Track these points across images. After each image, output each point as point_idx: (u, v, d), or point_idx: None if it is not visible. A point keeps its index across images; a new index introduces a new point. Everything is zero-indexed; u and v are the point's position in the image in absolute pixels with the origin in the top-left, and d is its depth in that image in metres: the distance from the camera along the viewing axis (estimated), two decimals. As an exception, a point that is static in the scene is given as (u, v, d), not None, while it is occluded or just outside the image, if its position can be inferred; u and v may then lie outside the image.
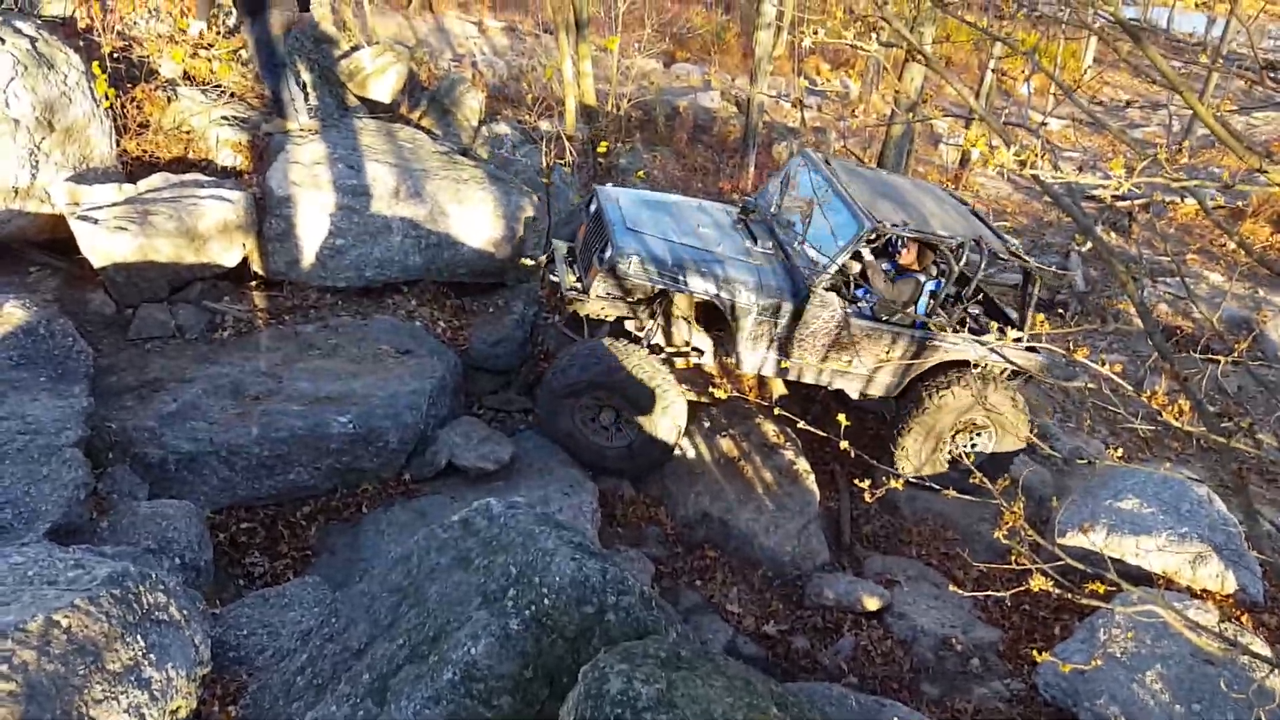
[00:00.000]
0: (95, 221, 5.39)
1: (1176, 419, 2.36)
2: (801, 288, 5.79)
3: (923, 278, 6.14)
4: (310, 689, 3.12)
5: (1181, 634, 4.06)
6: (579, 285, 5.95)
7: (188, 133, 6.83)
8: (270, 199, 6.23)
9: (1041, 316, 2.93)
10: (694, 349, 6.25)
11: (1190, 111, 2.53)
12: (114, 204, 5.63)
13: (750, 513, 5.97)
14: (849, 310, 5.88)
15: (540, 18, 18.34)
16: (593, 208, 6.26)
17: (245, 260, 6.21)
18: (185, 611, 3.25)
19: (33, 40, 5.88)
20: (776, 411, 3.89)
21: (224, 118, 6.94)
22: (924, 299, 6.08)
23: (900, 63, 11.46)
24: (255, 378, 5.46)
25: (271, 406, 5.23)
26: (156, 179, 5.96)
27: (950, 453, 6.38)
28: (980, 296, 6.72)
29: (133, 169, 6.37)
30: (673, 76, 18.52)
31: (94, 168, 6.03)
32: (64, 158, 5.85)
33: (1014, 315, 6.75)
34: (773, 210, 6.59)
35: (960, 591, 4.35)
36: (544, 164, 8.92)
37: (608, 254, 5.66)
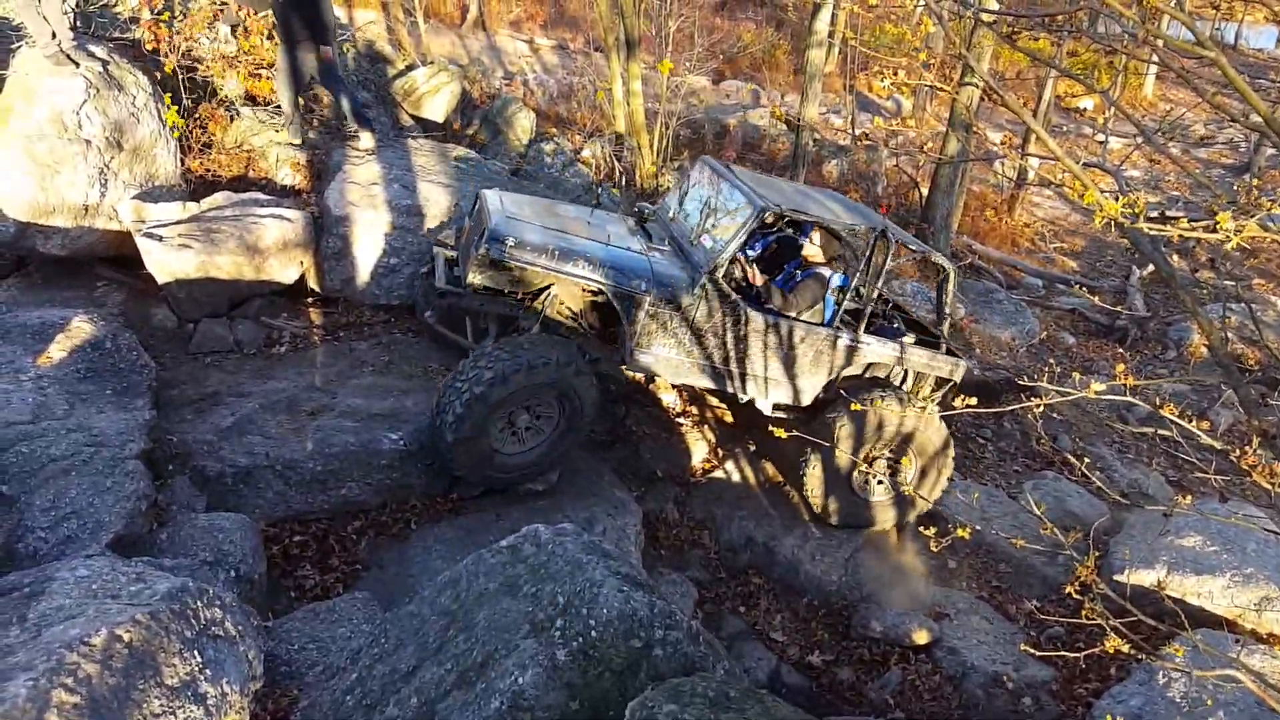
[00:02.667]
0: (160, 238, 5.56)
1: (1248, 460, 2.28)
2: (697, 275, 5.29)
3: (827, 272, 5.70)
4: (359, 709, 3.16)
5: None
6: (454, 283, 5.47)
7: (248, 151, 7.02)
8: (327, 218, 6.36)
9: (1122, 367, 2.75)
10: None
11: (1256, 131, 2.45)
12: (178, 221, 5.81)
13: (796, 539, 5.91)
14: (744, 303, 5.39)
15: (591, 36, 18.51)
16: (476, 206, 5.73)
17: (302, 277, 6.35)
18: (240, 627, 3.31)
19: (104, 63, 6.10)
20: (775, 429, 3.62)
21: (276, 141, 7.12)
22: (831, 296, 5.68)
23: (956, 81, 11.34)
24: (310, 393, 5.57)
25: (325, 422, 5.33)
26: (218, 197, 6.13)
27: (867, 485, 5.93)
28: (889, 304, 6.45)
29: (195, 187, 6.57)
30: (721, 94, 18.55)
31: (159, 186, 6.23)
32: (131, 176, 6.06)
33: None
34: (670, 214, 6.10)
35: (1018, 626, 4.22)
36: (592, 183, 9.00)
37: (484, 241, 5.11)
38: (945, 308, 5.91)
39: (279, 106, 7.36)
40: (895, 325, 6.30)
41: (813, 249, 5.81)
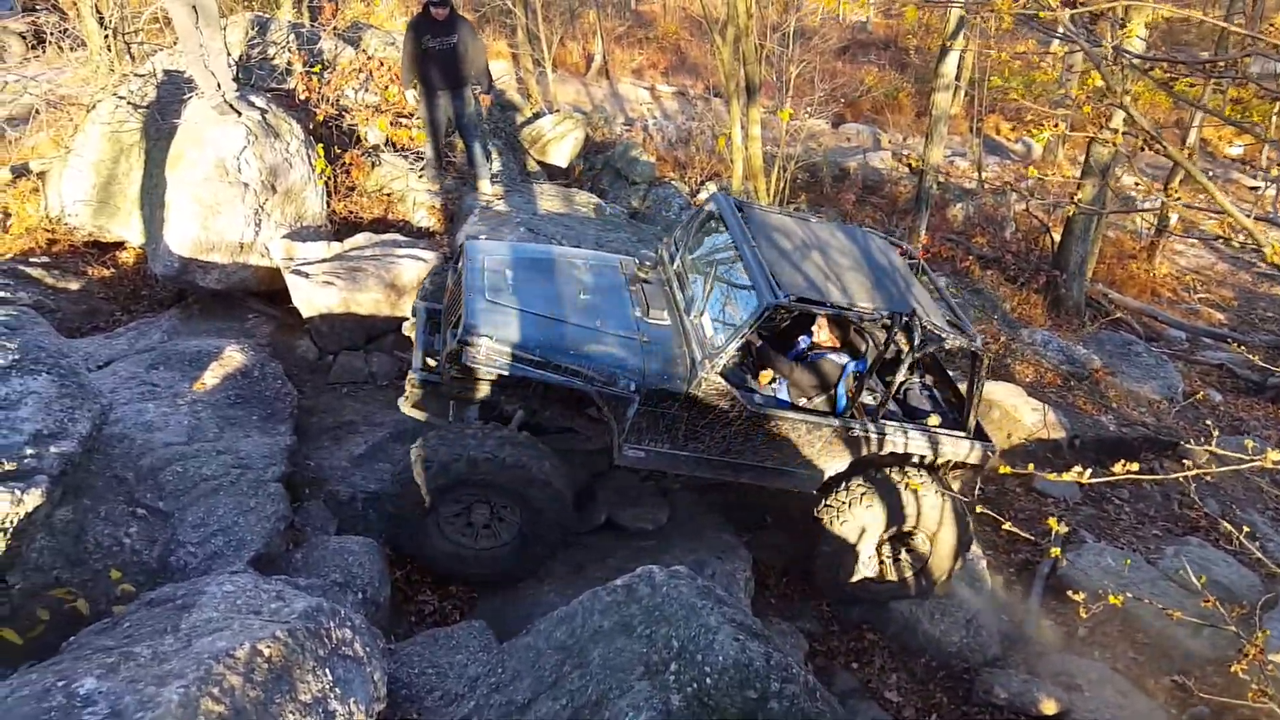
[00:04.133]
0: (306, 275, 5.94)
1: None
2: (694, 370, 4.77)
3: (842, 358, 5.17)
4: (475, 738, 3.23)
5: None
6: (429, 366, 5.08)
7: (388, 195, 7.45)
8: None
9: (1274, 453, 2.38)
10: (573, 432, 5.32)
11: None
12: (322, 260, 6.20)
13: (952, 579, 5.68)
14: (747, 399, 4.91)
15: (711, 82, 18.80)
16: (460, 265, 5.36)
17: (433, 314, 6.65)
18: (367, 649, 3.45)
19: (263, 112, 6.62)
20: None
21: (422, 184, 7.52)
22: (844, 383, 5.10)
23: (1097, 123, 10.91)
24: (436, 425, 5.78)
25: (449, 453, 5.51)
26: (360, 238, 6.51)
27: (876, 566, 5.54)
28: (919, 378, 5.75)
29: (339, 228, 7.00)
30: (841, 137, 18.46)
31: (307, 226, 6.67)
32: (282, 217, 6.52)
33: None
34: (675, 267, 5.55)
35: (1157, 702, 3.94)
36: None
37: (457, 337, 4.71)
38: (975, 394, 5.28)
39: (419, 153, 7.79)
40: (928, 394, 5.72)
41: (824, 334, 5.35)
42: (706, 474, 5.16)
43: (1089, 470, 2.48)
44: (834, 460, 5.15)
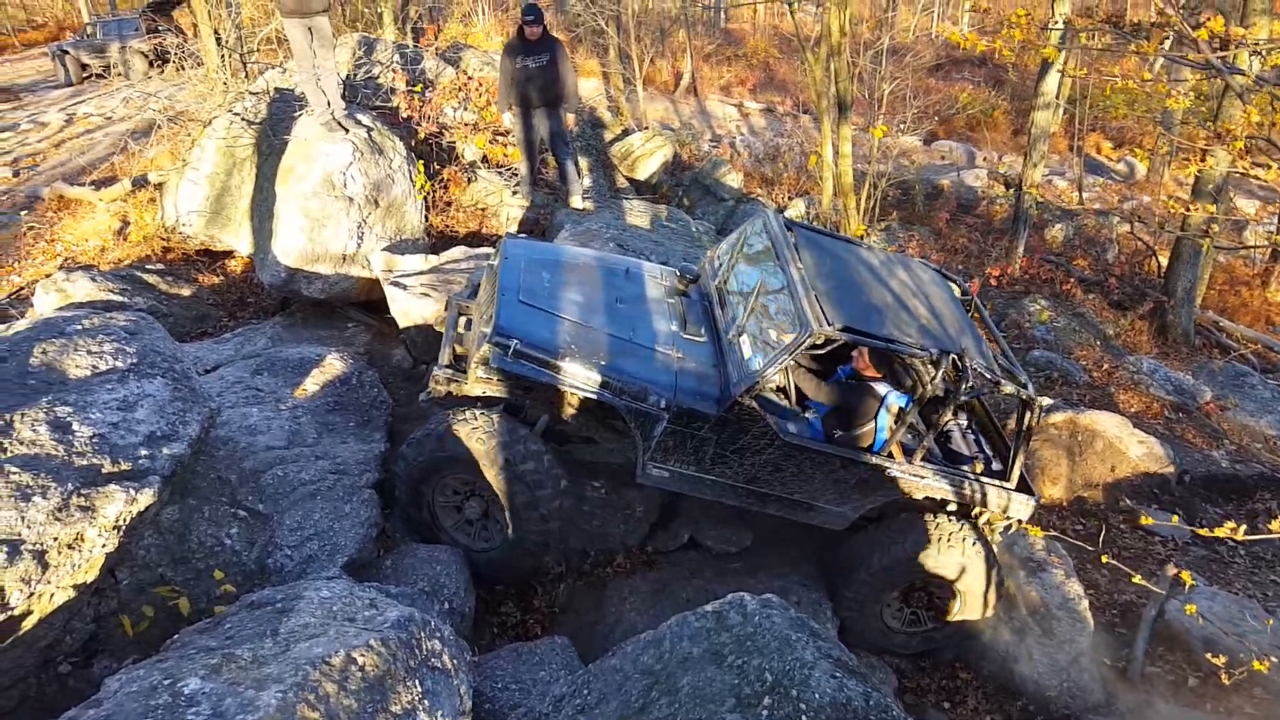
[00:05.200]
0: (405, 287, 6.08)
1: None
2: (728, 393, 4.59)
3: (882, 389, 4.91)
4: (560, 759, 3.20)
5: None
6: (455, 365, 4.92)
7: (482, 209, 7.59)
8: (549, 272, 6.71)
9: None
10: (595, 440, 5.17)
11: None
12: (420, 272, 6.33)
13: (1011, 635, 5.44)
14: (782, 428, 4.71)
15: (799, 99, 18.65)
16: (494, 263, 5.25)
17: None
18: (455, 661, 3.46)
19: (369, 129, 6.82)
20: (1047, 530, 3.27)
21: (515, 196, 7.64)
22: (884, 416, 4.84)
23: (1206, 142, 10.39)
24: (523, 438, 5.83)
25: (536, 467, 5.54)
26: (456, 251, 6.64)
27: (898, 618, 5.24)
28: (960, 422, 5.42)
29: (436, 241, 7.17)
30: (934, 154, 18.06)
31: (405, 239, 6.84)
32: (383, 230, 6.70)
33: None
34: (718, 282, 5.36)
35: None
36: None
37: (487, 338, 4.60)
38: (1021, 443, 4.98)
39: (514, 170, 7.92)
40: (973, 437, 5.44)
41: (864, 363, 5.10)
42: (731, 501, 4.96)
43: (1242, 526, 2.28)
44: (866, 500, 4.92)
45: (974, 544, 4.94)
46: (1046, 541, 5.95)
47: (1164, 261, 12.23)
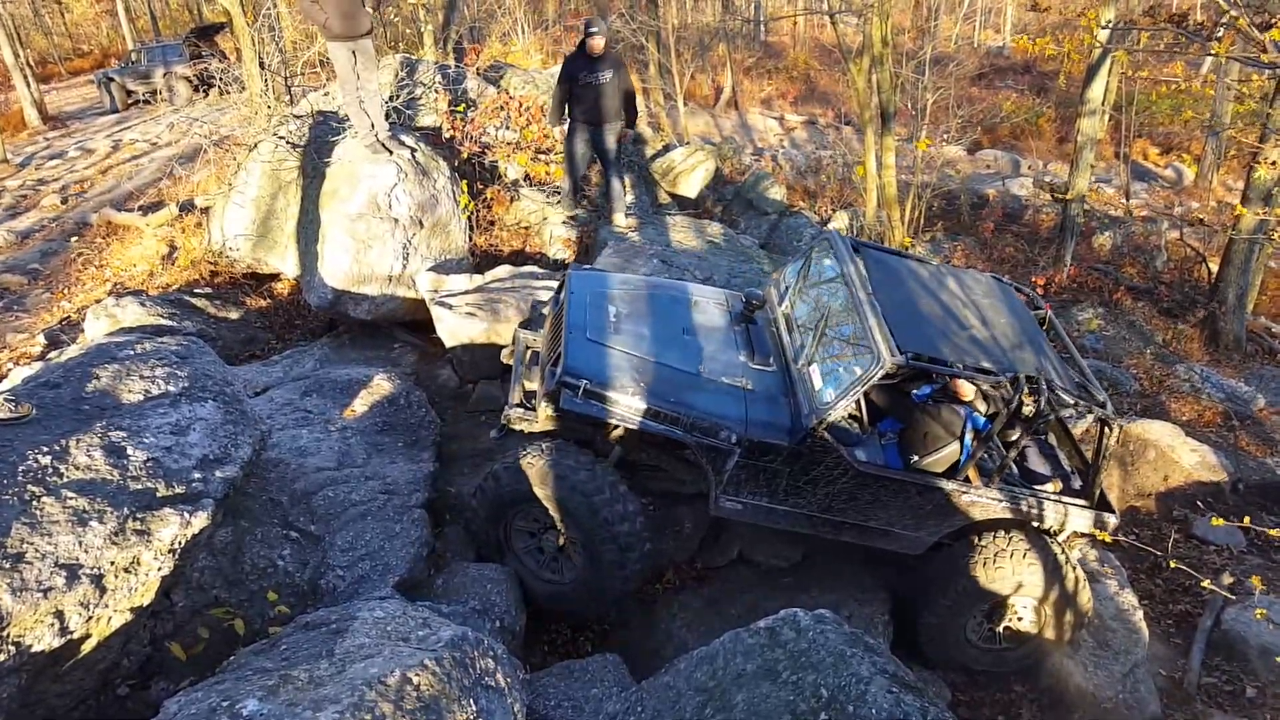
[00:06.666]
0: (450, 307, 6.12)
1: None
2: (800, 425, 4.51)
3: (965, 409, 4.79)
4: (615, 780, 3.16)
5: None
6: (526, 402, 4.92)
7: (526, 228, 7.63)
8: (592, 289, 6.71)
9: None
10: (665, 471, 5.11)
11: None
12: (465, 291, 6.37)
13: (1066, 647, 5.29)
14: (859, 460, 4.62)
15: (841, 110, 18.55)
16: (562, 295, 5.21)
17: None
18: (508, 679, 3.44)
19: (412, 151, 6.90)
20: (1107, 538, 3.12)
21: (560, 217, 7.67)
22: (968, 438, 4.73)
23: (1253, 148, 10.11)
24: (572, 455, 5.81)
25: (583, 484, 5.52)
26: (501, 270, 6.67)
27: (978, 631, 5.06)
28: (1040, 438, 5.29)
29: (480, 260, 7.21)
30: (980, 163, 17.82)
31: (450, 259, 6.90)
32: (429, 250, 6.76)
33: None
34: (784, 307, 5.29)
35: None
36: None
37: (557, 372, 4.59)
38: (1101, 462, 4.85)
39: (556, 188, 7.96)
40: (1050, 455, 5.32)
41: (959, 386, 4.89)
42: (805, 530, 4.89)
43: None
44: (943, 524, 4.82)
45: (1055, 563, 4.81)
46: (1100, 552, 5.80)
47: (1214, 268, 11.93)
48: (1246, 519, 4.67)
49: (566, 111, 7.35)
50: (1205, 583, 3.10)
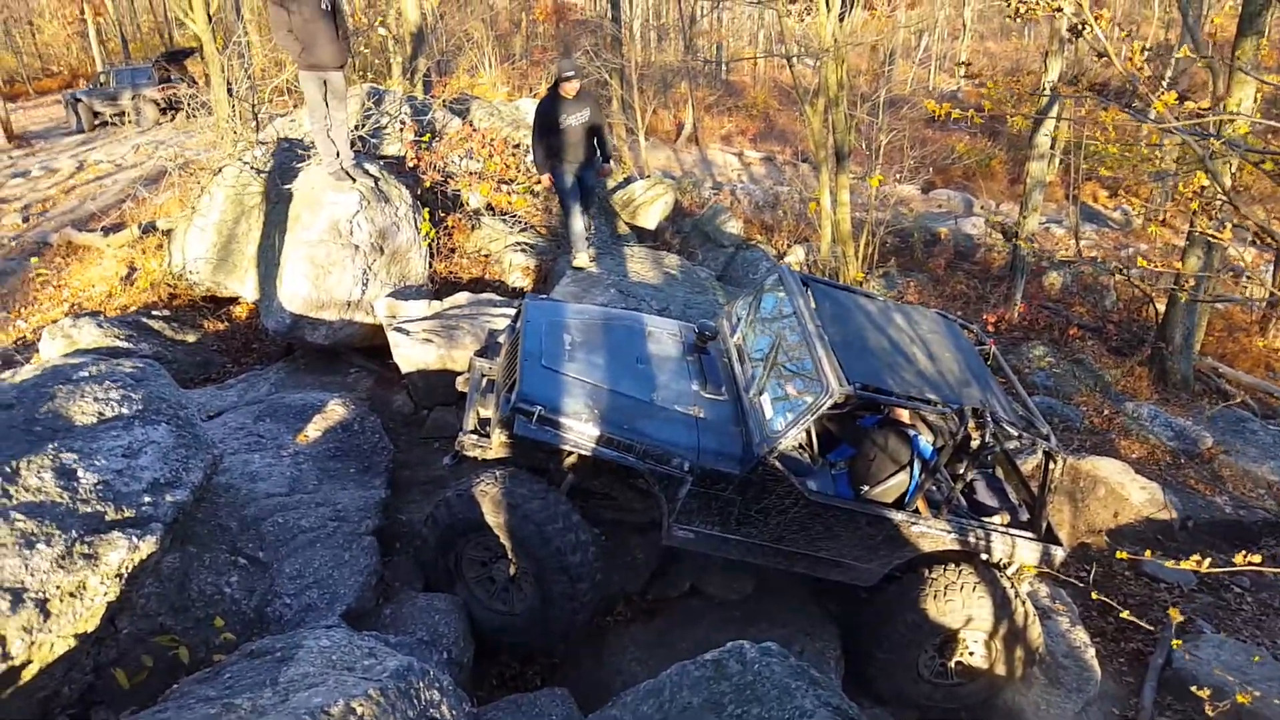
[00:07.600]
0: (407, 333, 6.14)
1: None
2: (751, 454, 4.56)
3: (914, 435, 4.88)
4: (558, 811, 3.16)
5: None
6: (480, 429, 4.92)
7: (486, 256, 7.69)
8: (550, 319, 6.77)
9: None
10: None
11: None
12: (423, 318, 6.39)
13: (1017, 684, 5.39)
14: (809, 489, 4.67)
15: (799, 147, 18.94)
16: (518, 324, 5.26)
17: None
18: (454, 712, 3.44)
19: (375, 179, 6.94)
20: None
21: (518, 244, 7.74)
22: (915, 467, 4.80)
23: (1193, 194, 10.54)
24: (524, 485, 5.82)
25: (536, 514, 5.53)
26: (460, 297, 6.71)
27: (929, 666, 5.08)
28: (987, 471, 5.41)
29: (439, 286, 7.24)
30: (932, 203, 18.28)
31: (409, 285, 6.92)
32: (388, 276, 6.78)
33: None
34: (736, 339, 5.38)
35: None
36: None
37: (512, 398, 4.60)
38: (1046, 494, 4.97)
39: (517, 217, 8.01)
40: (997, 488, 5.42)
41: (900, 411, 5.00)
42: (757, 560, 4.93)
43: (1207, 560, 2.31)
44: (894, 555, 4.88)
45: (1005, 597, 4.88)
46: (1051, 589, 5.93)
47: (1161, 309, 12.32)
48: (1196, 559, 4.80)
49: (560, 155, 7.17)
50: (1125, 613, 3.18)
